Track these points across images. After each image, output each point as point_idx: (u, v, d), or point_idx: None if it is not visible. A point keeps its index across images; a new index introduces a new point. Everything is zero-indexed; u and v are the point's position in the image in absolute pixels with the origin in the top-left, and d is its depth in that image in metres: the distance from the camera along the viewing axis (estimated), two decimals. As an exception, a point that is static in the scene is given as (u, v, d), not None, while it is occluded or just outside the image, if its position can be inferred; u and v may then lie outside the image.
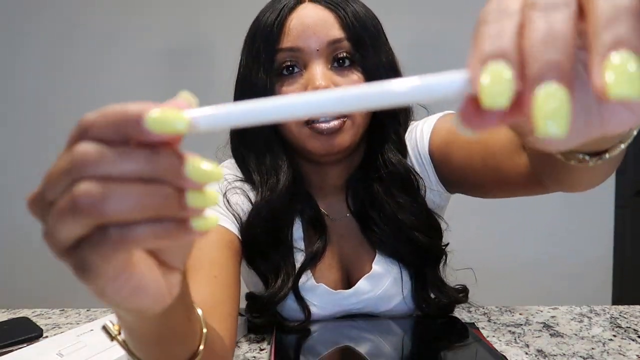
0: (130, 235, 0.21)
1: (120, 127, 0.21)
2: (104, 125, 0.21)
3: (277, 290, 0.64)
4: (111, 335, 0.35)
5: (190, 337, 0.37)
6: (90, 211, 0.20)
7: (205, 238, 0.59)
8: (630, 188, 2.37)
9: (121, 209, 0.20)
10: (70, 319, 0.82)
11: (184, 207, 0.22)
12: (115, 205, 0.20)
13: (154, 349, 0.34)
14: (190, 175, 0.22)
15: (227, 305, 0.54)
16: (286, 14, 0.61)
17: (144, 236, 0.21)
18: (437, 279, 0.69)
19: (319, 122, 0.61)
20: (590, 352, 0.64)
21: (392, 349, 0.62)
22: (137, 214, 0.21)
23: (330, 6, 0.62)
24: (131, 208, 0.21)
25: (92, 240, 0.21)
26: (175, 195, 0.22)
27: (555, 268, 1.97)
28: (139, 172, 0.21)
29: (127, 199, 0.21)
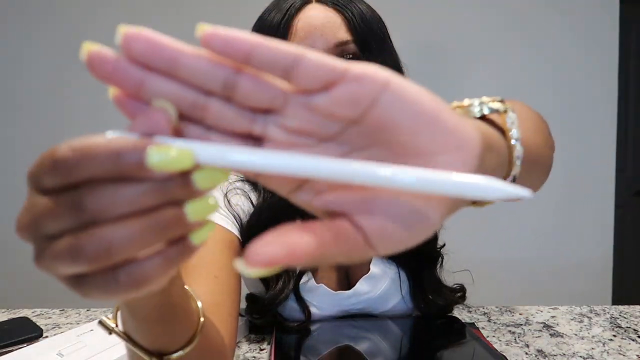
0: (140, 276, 0.20)
1: (118, 165, 0.19)
2: (100, 164, 0.19)
3: (277, 292, 0.64)
4: (109, 329, 0.35)
5: (188, 314, 0.36)
6: (98, 258, 0.19)
7: None
8: (630, 188, 2.37)
9: (129, 249, 0.20)
10: (70, 319, 0.82)
11: (186, 225, 0.21)
12: (124, 247, 0.19)
13: (156, 327, 0.33)
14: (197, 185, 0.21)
15: (227, 305, 0.54)
16: (293, 14, 0.61)
17: (153, 272, 0.21)
18: (434, 281, 0.69)
19: None
20: (590, 352, 0.64)
21: (391, 348, 0.62)
22: (143, 249, 0.20)
23: (338, 7, 0.61)
24: (138, 246, 0.20)
25: (97, 280, 0.20)
26: (177, 215, 0.21)
27: (556, 268, 1.97)
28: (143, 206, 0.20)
29: (134, 238, 0.20)
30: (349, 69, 0.21)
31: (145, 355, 0.35)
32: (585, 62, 1.91)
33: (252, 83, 0.21)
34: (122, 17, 1.93)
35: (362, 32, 0.61)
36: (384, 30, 0.66)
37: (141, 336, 0.34)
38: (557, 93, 1.90)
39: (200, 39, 0.20)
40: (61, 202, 0.20)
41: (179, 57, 0.20)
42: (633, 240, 2.40)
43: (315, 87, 0.21)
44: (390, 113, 0.21)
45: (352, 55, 0.61)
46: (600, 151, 1.96)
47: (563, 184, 1.91)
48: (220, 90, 0.21)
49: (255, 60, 0.20)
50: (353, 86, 0.21)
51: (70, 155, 0.19)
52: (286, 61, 0.20)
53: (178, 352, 0.35)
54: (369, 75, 0.21)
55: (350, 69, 0.21)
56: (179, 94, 0.21)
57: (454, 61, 1.91)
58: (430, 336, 0.66)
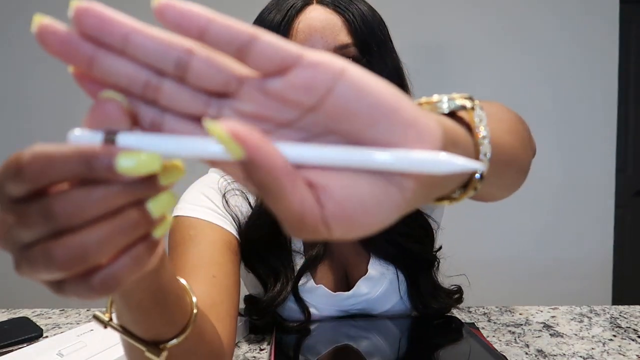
0: (111, 278, 0.21)
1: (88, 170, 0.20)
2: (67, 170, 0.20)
3: (276, 294, 0.64)
4: (104, 323, 0.35)
5: (181, 300, 0.37)
6: (70, 264, 0.20)
7: (204, 238, 0.59)
8: (630, 188, 2.37)
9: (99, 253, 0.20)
10: (70, 319, 0.82)
11: (151, 222, 0.22)
12: (94, 251, 0.20)
13: (150, 313, 0.34)
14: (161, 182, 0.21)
15: (225, 305, 0.54)
16: (293, 15, 0.60)
17: (123, 273, 0.21)
18: (430, 285, 0.69)
19: None
20: (590, 352, 0.64)
21: (391, 348, 0.62)
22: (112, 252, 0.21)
23: (339, 9, 0.60)
24: (108, 249, 0.20)
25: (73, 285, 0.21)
26: (142, 214, 0.21)
27: (556, 268, 1.97)
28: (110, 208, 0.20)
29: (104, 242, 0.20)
30: (303, 55, 0.21)
31: (141, 346, 0.35)
32: (585, 62, 1.91)
33: (205, 64, 0.21)
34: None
35: (362, 34, 0.61)
36: (385, 32, 0.65)
37: (136, 325, 0.34)
38: (557, 93, 1.90)
39: (155, 11, 0.19)
40: (31, 211, 0.20)
41: (130, 34, 0.20)
42: (633, 240, 2.40)
43: (269, 69, 0.21)
44: (346, 102, 0.21)
45: (352, 58, 0.61)
46: (600, 151, 1.96)
47: (563, 184, 1.91)
48: (173, 70, 0.21)
49: (209, 36, 0.20)
50: (308, 72, 0.21)
51: (34, 162, 0.19)
52: (241, 40, 0.20)
53: (172, 340, 0.36)
54: (324, 62, 0.21)
55: (305, 55, 0.21)
56: (131, 72, 0.21)
57: (453, 62, 1.91)
58: (430, 336, 0.66)
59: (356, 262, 0.70)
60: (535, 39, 1.90)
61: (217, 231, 0.61)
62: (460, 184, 0.29)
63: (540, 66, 1.92)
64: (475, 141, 0.29)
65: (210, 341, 0.44)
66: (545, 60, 1.92)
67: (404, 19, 1.82)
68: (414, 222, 0.68)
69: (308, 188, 0.21)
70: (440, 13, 1.90)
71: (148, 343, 0.35)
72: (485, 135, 0.29)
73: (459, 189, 0.30)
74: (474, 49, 1.91)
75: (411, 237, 0.67)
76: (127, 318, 0.34)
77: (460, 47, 1.91)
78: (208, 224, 0.61)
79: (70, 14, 0.19)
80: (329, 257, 0.69)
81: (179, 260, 0.57)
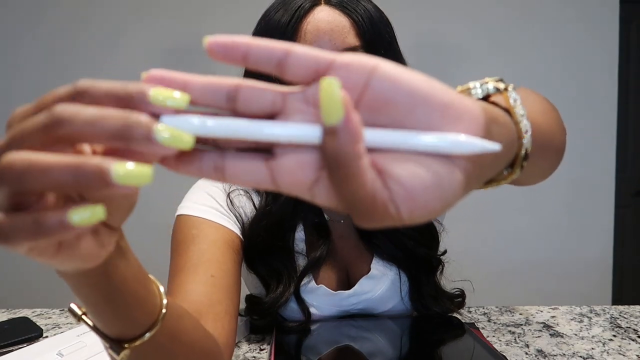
0: (8, 227, 0.21)
1: (124, 98, 0.22)
2: (104, 93, 0.22)
3: (278, 296, 0.64)
4: (77, 316, 0.35)
5: (141, 300, 0.35)
6: (19, 179, 0.20)
7: (206, 237, 0.59)
8: (630, 188, 2.37)
9: (47, 175, 0.20)
10: (70, 319, 0.82)
11: (107, 182, 0.20)
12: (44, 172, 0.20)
13: (106, 312, 0.33)
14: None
15: (223, 304, 0.54)
16: (301, 15, 0.59)
17: (19, 229, 0.21)
18: (432, 287, 0.69)
19: None
20: (590, 352, 0.64)
21: (391, 348, 0.62)
22: (54, 187, 0.20)
23: (347, 10, 0.60)
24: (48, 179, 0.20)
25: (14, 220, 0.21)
26: (101, 168, 0.20)
27: (556, 268, 1.97)
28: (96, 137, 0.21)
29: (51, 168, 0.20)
30: (335, 59, 0.23)
31: (106, 342, 0.35)
32: (585, 62, 1.91)
33: (250, 89, 0.23)
34: (117, 13, 1.93)
35: (370, 36, 0.60)
36: (391, 32, 0.65)
37: (97, 321, 0.34)
38: (557, 93, 1.90)
39: (206, 50, 0.23)
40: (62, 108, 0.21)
41: (187, 82, 0.23)
42: (633, 240, 2.40)
43: (307, 77, 0.23)
44: (383, 95, 0.22)
45: None
46: (600, 151, 1.96)
47: (563, 184, 1.91)
48: (225, 104, 0.23)
49: (252, 58, 0.23)
50: (342, 73, 0.22)
51: (91, 84, 0.22)
52: (278, 55, 0.23)
53: (135, 340, 0.35)
54: (355, 62, 0.23)
55: (337, 58, 0.23)
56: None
57: (453, 62, 1.91)
58: (430, 336, 0.66)
59: (358, 262, 0.70)
60: (535, 38, 1.90)
61: (220, 230, 0.61)
62: (507, 164, 0.31)
63: (540, 66, 1.92)
64: (515, 120, 0.30)
65: (191, 342, 0.42)
66: (545, 60, 1.92)
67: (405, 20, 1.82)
68: (423, 228, 0.68)
69: (376, 172, 0.23)
70: (440, 13, 1.90)
71: (112, 340, 0.35)
72: (523, 114, 0.30)
73: (505, 169, 0.31)
74: (473, 49, 1.91)
75: (418, 240, 0.67)
76: (84, 306, 0.33)
77: (459, 47, 1.91)
78: (211, 224, 0.61)
79: (144, 79, 0.23)
80: (331, 257, 0.69)
81: (180, 259, 0.57)
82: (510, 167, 0.31)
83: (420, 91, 0.22)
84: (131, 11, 1.92)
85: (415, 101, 0.22)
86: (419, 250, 0.67)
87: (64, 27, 1.94)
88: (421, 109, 0.22)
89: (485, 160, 0.24)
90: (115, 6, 1.93)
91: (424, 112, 0.22)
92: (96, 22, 1.94)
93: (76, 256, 0.24)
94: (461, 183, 0.23)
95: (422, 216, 0.23)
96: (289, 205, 0.65)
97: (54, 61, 1.96)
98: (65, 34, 1.94)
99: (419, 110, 0.22)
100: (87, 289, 0.31)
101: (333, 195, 0.24)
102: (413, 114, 0.22)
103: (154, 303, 0.36)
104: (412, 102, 0.22)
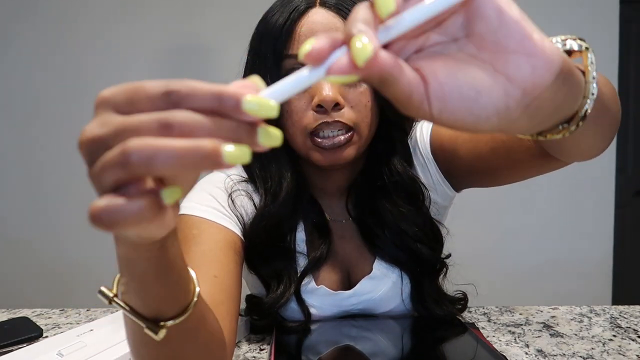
0: (120, 210, 0.23)
1: (218, 104, 0.24)
2: (201, 98, 0.24)
3: (279, 296, 0.64)
4: (108, 298, 0.35)
5: (183, 280, 0.37)
6: (135, 163, 0.22)
7: (207, 238, 0.59)
8: (630, 188, 2.37)
9: (165, 164, 0.22)
10: (70, 319, 0.82)
11: (219, 158, 0.23)
12: (162, 160, 0.22)
13: (152, 287, 0.34)
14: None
15: (226, 305, 0.54)
16: (296, 18, 0.60)
17: (130, 212, 0.23)
18: (435, 291, 0.69)
19: (321, 138, 0.60)
20: (590, 352, 0.64)
21: (391, 348, 0.62)
22: (174, 170, 0.23)
23: (342, 12, 0.60)
24: (173, 164, 0.22)
25: (131, 201, 0.23)
26: (214, 149, 0.23)
27: (556, 268, 1.97)
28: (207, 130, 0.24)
29: (175, 156, 0.22)
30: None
31: (141, 322, 0.35)
32: (585, 62, 1.91)
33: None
34: (115, 13, 1.93)
35: None
36: None
37: (138, 296, 0.35)
38: (557, 93, 1.90)
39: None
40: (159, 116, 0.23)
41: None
42: (633, 240, 2.40)
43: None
44: (480, 9, 0.26)
45: None
46: (600, 151, 1.96)
47: (563, 184, 1.91)
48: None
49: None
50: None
51: (184, 87, 0.24)
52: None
53: (172, 320, 0.36)
54: None
55: None
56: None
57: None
58: (430, 336, 0.66)
59: (360, 263, 0.70)
60: (535, 39, 1.90)
61: (221, 231, 0.61)
62: (564, 119, 0.33)
63: (540, 66, 1.92)
64: (586, 79, 0.32)
65: (212, 330, 0.44)
66: (545, 60, 1.92)
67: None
68: (426, 226, 0.68)
69: (415, 71, 0.26)
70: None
71: (148, 320, 0.36)
72: (595, 77, 0.33)
73: (561, 124, 0.34)
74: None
75: (422, 240, 0.67)
76: (131, 287, 0.35)
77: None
78: (212, 224, 0.61)
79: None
80: (332, 258, 0.69)
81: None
82: (567, 123, 0.34)
83: (514, 18, 0.25)
84: (122, 11, 1.92)
85: (505, 22, 0.25)
86: (422, 251, 0.67)
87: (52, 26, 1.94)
88: (507, 31, 0.25)
89: (541, 95, 0.26)
90: (105, 6, 1.93)
91: (508, 34, 0.25)
92: (86, 21, 1.93)
93: (160, 226, 0.27)
94: (499, 106, 0.26)
95: (449, 120, 0.26)
96: (288, 205, 0.65)
97: (46, 61, 1.95)
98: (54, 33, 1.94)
99: (504, 31, 0.25)
100: (145, 263, 0.33)
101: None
102: (498, 32, 0.25)
103: (190, 285, 0.38)
104: (502, 22, 0.25)
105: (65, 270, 1.96)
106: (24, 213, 2.00)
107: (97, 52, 1.90)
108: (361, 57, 0.23)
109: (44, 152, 1.97)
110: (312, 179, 0.70)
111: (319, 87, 0.59)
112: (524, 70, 0.25)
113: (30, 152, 1.98)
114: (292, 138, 0.63)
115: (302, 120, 0.60)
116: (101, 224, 0.22)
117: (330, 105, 0.58)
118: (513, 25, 0.25)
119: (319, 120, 0.59)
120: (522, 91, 0.26)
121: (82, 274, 1.89)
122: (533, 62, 0.25)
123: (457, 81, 0.26)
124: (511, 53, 0.25)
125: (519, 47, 0.25)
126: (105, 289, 0.36)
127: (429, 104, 0.26)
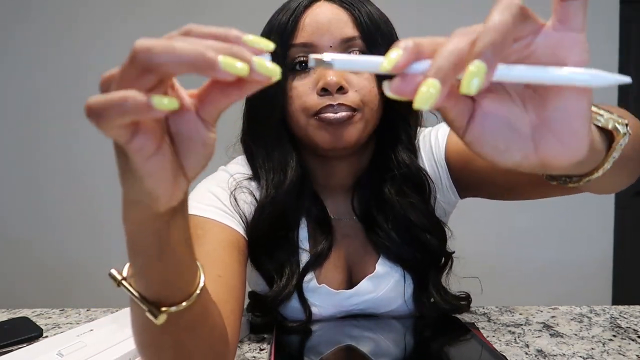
0: (110, 100, 0.24)
1: (220, 37, 0.27)
2: (205, 33, 0.27)
3: (281, 289, 0.64)
4: (117, 280, 0.37)
5: (188, 266, 0.38)
6: (141, 56, 0.25)
7: (211, 237, 0.59)
8: (631, 188, 2.36)
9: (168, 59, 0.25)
10: (70, 319, 0.82)
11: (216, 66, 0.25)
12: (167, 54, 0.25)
13: (155, 265, 0.35)
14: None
15: (230, 304, 0.54)
16: (301, 11, 0.62)
17: (120, 107, 0.24)
18: (440, 285, 0.69)
19: (327, 113, 0.60)
20: (590, 352, 0.64)
21: (391, 348, 0.62)
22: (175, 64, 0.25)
23: (345, 5, 0.62)
24: (174, 60, 0.25)
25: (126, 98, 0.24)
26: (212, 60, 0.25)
27: (556, 268, 1.97)
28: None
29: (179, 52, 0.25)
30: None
31: (143, 305, 0.36)
32: (585, 62, 1.91)
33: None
34: (114, 13, 1.93)
35: (369, 29, 0.62)
36: (392, 29, 0.66)
37: (142, 279, 0.36)
38: (557, 93, 1.90)
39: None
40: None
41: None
42: (633, 240, 2.40)
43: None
44: (567, 93, 0.27)
45: (359, 51, 0.61)
46: (600, 151, 1.96)
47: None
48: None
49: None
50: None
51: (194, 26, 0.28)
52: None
53: (174, 307, 0.37)
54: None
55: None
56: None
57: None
58: (431, 336, 0.66)
59: (363, 262, 0.69)
60: (535, 39, 1.90)
61: (225, 230, 0.61)
62: (580, 172, 0.36)
63: (540, 66, 1.92)
64: (607, 157, 0.35)
65: (215, 325, 0.45)
66: (545, 60, 1.92)
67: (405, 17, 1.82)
68: (434, 216, 0.68)
69: (470, 102, 0.28)
70: (441, 11, 1.90)
71: (150, 303, 0.36)
72: (615, 157, 0.35)
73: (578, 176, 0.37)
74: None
75: (430, 230, 0.67)
76: (137, 267, 0.36)
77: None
78: (216, 223, 0.61)
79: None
80: (335, 256, 0.69)
81: None
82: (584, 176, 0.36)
83: (581, 112, 0.27)
84: (123, 10, 1.92)
85: (570, 112, 0.27)
86: (431, 242, 0.67)
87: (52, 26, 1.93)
88: (566, 116, 0.27)
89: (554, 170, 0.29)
90: (105, 5, 1.93)
91: (564, 116, 0.27)
92: (86, 21, 1.93)
93: (162, 183, 0.28)
94: (517, 162, 0.28)
95: (475, 149, 0.29)
96: (291, 195, 0.65)
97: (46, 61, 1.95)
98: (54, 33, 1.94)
99: (565, 115, 0.27)
100: (150, 238, 0.33)
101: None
102: (559, 112, 0.27)
103: (194, 275, 0.39)
104: (569, 110, 0.27)
105: (65, 270, 1.95)
106: (24, 213, 2.00)
107: (97, 52, 1.90)
108: (424, 100, 0.24)
109: (43, 152, 1.97)
110: (316, 174, 0.70)
111: (324, 72, 0.60)
112: (552, 148, 0.28)
113: (30, 152, 1.98)
114: (296, 123, 0.63)
115: (306, 103, 0.61)
116: (91, 112, 0.24)
117: (335, 89, 0.59)
118: (575, 118, 0.27)
119: (323, 103, 0.60)
120: (540, 162, 0.28)
121: (82, 274, 1.89)
122: (560, 150, 0.28)
123: (498, 123, 0.28)
124: (552, 131, 0.28)
125: (561, 133, 0.27)
126: (115, 272, 0.37)
127: (464, 132, 0.29)
